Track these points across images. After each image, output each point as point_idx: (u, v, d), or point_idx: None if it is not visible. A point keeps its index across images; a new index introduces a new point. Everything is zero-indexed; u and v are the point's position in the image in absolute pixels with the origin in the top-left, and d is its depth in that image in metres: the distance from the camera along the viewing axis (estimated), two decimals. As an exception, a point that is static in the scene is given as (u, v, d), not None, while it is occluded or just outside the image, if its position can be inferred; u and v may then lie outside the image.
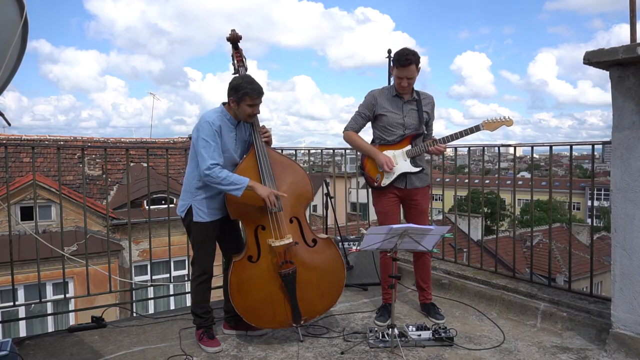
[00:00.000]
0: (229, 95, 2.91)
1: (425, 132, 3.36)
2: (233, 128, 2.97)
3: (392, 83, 3.39)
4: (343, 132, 3.46)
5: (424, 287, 3.55)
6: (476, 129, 3.20)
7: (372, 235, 2.81)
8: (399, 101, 3.32)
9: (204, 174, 2.79)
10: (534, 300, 3.48)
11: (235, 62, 3.15)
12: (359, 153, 3.68)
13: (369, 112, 3.37)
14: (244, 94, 2.84)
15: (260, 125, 3.06)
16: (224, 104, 2.99)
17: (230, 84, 2.92)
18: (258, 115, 3.01)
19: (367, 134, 3.48)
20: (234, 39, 3.15)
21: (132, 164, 13.21)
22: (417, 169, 3.30)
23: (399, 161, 3.29)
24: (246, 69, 3.13)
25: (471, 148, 4.29)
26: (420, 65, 3.23)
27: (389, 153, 3.30)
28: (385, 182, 3.32)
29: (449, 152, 5.18)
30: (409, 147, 3.29)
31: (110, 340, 3.16)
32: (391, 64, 3.31)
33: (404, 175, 3.31)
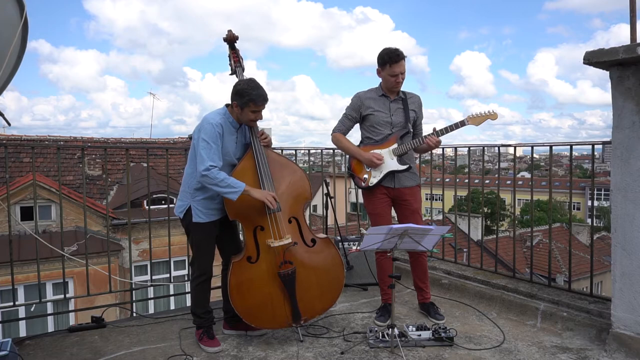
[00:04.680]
0: (232, 99, 2.87)
1: (413, 131, 3.38)
2: (234, 131, 2.96)
3: (378, 84, 3.38)
4: (331, 135, 3.47)
5: (421, 287, 3.54)
6: (461, 124, 3.21)
7: (372, 235, 2.81)
8: (385, 100, 3.33)
9: (201, 174, 2.76)
10: (534, 300, 3.48)
11: (232, 62, 3.15)
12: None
13: (355, 114, 3.38)
14: (249, 100, 2.81)
15: (260, 129, 3.05)
16: (227, 105, 2.96)
17: (234, 87, 2.87)
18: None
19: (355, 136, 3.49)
20: (231, 40, 3.14)
21: (132, 164, 13.21)
22: (404, 167, 3.29)
23: (386, 160, 3.28)
24: (243, 69, 3.12)
25: (471, 148, 4.28)
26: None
27: (375, 152, 3.30)
28: (373, 181, 3.31)
29: (449, 152, 5.19)
30: (395, 145, 3.29)
31: (110, 340, 3.16)
32: (379, 67, 3.29)
33: (392, 174, 3.30)
